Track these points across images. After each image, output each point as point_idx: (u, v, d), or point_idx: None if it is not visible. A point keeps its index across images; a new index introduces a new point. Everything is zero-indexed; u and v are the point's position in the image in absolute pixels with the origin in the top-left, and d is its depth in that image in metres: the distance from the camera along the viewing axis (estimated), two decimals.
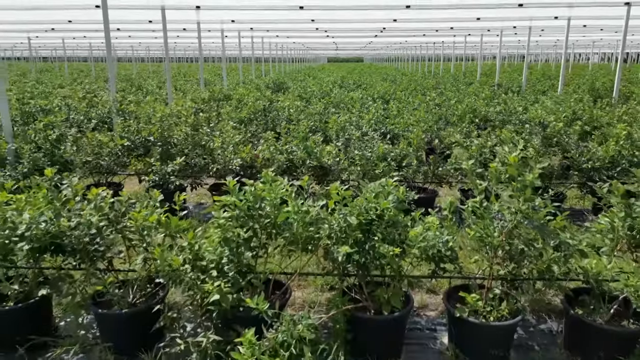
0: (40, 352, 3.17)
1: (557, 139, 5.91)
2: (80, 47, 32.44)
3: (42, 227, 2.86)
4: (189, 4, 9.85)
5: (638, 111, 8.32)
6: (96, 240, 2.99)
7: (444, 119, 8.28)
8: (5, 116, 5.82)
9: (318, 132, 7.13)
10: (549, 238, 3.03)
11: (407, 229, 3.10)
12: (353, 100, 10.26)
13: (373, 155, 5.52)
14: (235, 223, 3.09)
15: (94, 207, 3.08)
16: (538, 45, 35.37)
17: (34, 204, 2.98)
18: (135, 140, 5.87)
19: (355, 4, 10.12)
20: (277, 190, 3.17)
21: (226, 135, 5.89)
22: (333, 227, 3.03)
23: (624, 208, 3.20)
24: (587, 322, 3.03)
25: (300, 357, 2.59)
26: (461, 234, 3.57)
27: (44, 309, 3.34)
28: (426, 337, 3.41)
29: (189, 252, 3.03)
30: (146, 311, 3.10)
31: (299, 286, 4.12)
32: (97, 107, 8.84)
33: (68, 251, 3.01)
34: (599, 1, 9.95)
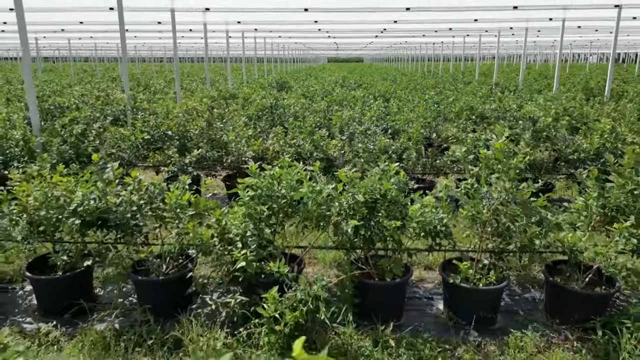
0: (84, 316, 3.61)
1: (546, 133, 6.36)
2: (84, 47, 32.89)
3: (92, 203, 3.30)
4: (198, 6, 10.28)
5: (626, 108, 8.76)
6: (136, 216, 3.44)
7: (442, 116, 8.72)
8: (34, 112, 6.26)
9: (323, 128, 7.57)
10: (530, 214, 3.47)
11: (407, 207, 3.55)
12: (355, 98, 10.69)
13: (375, 148, 5.97)
14: (256, 202, 3.54)
15: (133, 189, 3.52)
16: (536, 46, 35.81)
17: (83, 184, 3.42)
18: (154, 135, 6.31)
19: (357, 6, 10.56)
20: (292, 173, 3.61)
21: (239, 129, 6.34)
22: (342, 205, 3.47)
23: (598, 189, 3.65)
24: (564, 288, 3.48)
25: (315, 311, 3.04)
26: (456, 216, 4.00)
27: (86, 280, 3.78)
28: (424, 305, 3.85)
29: (217, 227, 3.47)
30: (179, 279, 3.54)
31: (309, 263, 4.56)
32: (112, 105, 9.27)
33: (112, 226, 3.46)
34: (590, 4, 10.38)
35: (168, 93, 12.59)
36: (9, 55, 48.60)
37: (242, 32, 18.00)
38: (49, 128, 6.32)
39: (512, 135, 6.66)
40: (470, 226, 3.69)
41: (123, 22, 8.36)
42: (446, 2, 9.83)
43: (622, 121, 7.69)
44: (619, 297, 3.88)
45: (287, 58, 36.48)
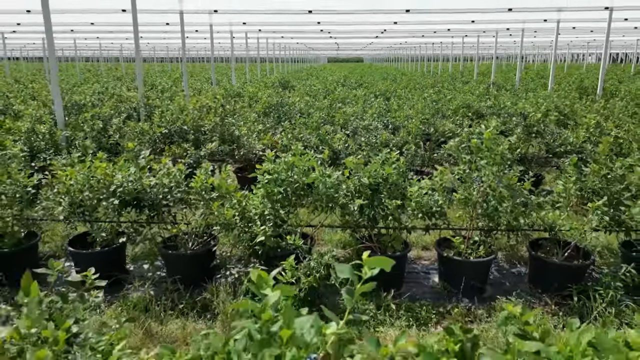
0: (118, 287, 4.06)
1: (536, 128, 6.81)
2: (88, 47, 33.37)
3: (130, 185, 3.76)
4: (206, 8, 10.74)
5: (615, 106, 9.22)
6: (167, 197, 3.89)
7: (440, 113, 9.17)
8: (59, 108, 6.72)
9: (327, 124, 8.02)
10: (516, 196, 3.93)
11: (406, 189, 4.00)
12: (356, 97, 11.15)
13: (377, 142, 6.43)
14: (273, 185, 3.99)
15: (164, 174, 3.98)
16: (535, 46, 36.30)
17: (122, 169, 3.88)
18: (171, 129, 6.77)
19: (359, 9, 11.03)
20: (304, 160, 4.07)
21: (249, 124, 6.79)
22: (349, 187, 3.93)
23: (576, 174, 4.11)
24: (546, 260, 3.94)
25: (326, 278, 3.50)
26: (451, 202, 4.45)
27: (120, 255, 4.24)
28: (421, 278, 4.31)
29: (238, 207, 3.92)
30: (204, 253, 4.00)
31: (318, 244, 5.01)
32: (125, 103, 9.72)
33: (145, 206, 3.92)
34: (582, 6, 10.84)
35: (176, 91, 13.04)
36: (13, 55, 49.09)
37: (245, 33, 18.46)
38: (72, 123, 6.77)
39: (506, 131, 7.12)
40: (462, 207, 4.14)
41: (137, 23, 8.82)
42: (444, 5, 10.29)
43: (611, 117, 8.15)
44: (594, 269, 4.33)
45: (288, 58, 36.97)
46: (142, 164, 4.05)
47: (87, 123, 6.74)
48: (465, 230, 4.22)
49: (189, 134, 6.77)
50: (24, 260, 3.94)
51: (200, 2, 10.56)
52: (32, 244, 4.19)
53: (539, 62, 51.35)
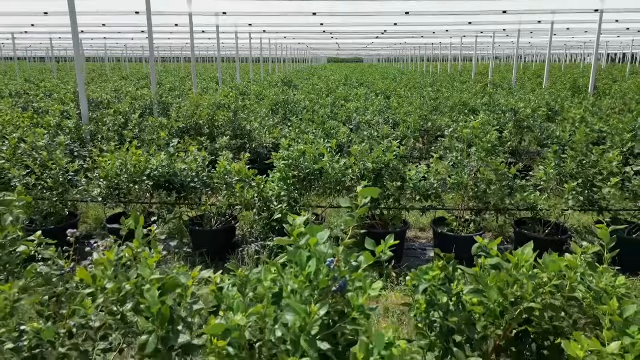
0: None
1: (526, 123, 7.34)
2: (93, 47, 33.90)
3: (163, 169, 4.29)
4: (216, 10, 11.27)
5: (602, 103, 9.75)
6: (195, 180, 4.42)
7: (438, 110, 9.70)
8: (84, 104, 7.25)
9: (331, 120, 8.55)
10: (502, 179, 4.45)
11: (405, 173, 4.53)
12: (358, 95, 11.68)
13: (379, 135, 6.95)
14: (288, 169, 4.52)
15: (192, 160, 4.51)
16: (533, 47, 36.84)
17: (157, 155, 4.41)
18: (188, 124, 7.29)
19: (361, 11, 11.55)
20: (314, 148, 4.59)
21: (260, 119, 7.32)
22: (355, 172, 4.46)
23: (555, 160, 4.63)
24: (529, 235, 4.46)
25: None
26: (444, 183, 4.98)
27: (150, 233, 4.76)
28: (418, 254, 4.84)
29: (257, 189, 4.45)
30: (227, 230, 4.53)
31: (327, 222, 5.54)
32: (139, 100, 10.25)
33: (176, 188, 4.44)
34: (574, 9, 11.37)
35: (185, 90, 13.56)
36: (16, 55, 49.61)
37: (249, 34, 18.99)
38: (96, 118, 7.30)
39: (499, 126, 7.65)
40: (455, 190, 4.67)
41: (151, 25, 9.35)
42: (442, 8, 10.81)
43: (598, 114, 8.68)
44: (570, 244, 4.86)
45: (289, 58, 37.52)
46: (172, 151, 4.58)
47: (110, 118, 7.26)
48: (458, 210, 4.75)
49: (204, 128, 7.30)
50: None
51: (211, 5, 11.07)
52: (73, 222, 4.72)
53: (538, 62, 51.89)
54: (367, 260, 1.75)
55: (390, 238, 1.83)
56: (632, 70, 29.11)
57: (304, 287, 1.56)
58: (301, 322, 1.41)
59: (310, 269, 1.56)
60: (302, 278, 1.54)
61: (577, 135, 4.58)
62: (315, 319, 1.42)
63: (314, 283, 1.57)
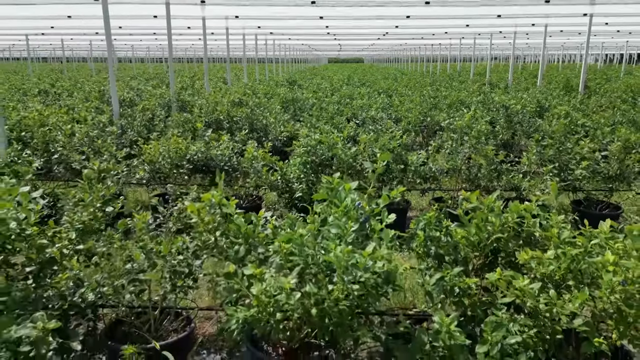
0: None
1: (516, 118, 8.08)
2: (99, 47, 34.65)
3: (201, 155, 5.03)
4: (228, 14, 12.02)
5: (590, 101, 10.51)
6: (228, 164, 5.17)
7: (437, 108, 10.45)
8: (115, 101, 7.99)
9: (337, 116, 9.29)
10: (491, 163, 5.20)
11: (407, 159, 5.28)
12: (361, 94, 12.43)
13: (383, 129, 7.69)
14: (307, 155, 5.26)
15: (224, 147, 5.25)
16: (530, 47, 37.59)
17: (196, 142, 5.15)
18: (209, 119, 8.03)
19: (364, 15, 12.29)
20: (329, 137, 5.34)
21: (275, 114, 8.06)
22: (364, 157, 5.21)
23: (537, 148, 5.38)
24: None
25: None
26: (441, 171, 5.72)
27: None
28: None
29: (280, 172, 5.19)
30: (254, 208, 5.28)
31: None
32: (159, 98, 10.99)
33: (211, 171, 5.19)
34: (565, 13, 12.11)
35: (197, 89, 14.30)
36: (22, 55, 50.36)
37: (255, 35, 19.74)
38: (127, 114, 8.05)
39: (493, 121, 8.39)
40: (451, 174, 5.41)
41: (170, 27, 10.09)
42: (441, 12, 11.56)
43: (585, 110, 9.43)
44: None
45: (292, 58, 38.30)
46: (207, 140, 5.32)
47: (139, 114, 8.01)
48: (453, 191, 5.50)
49: (224, 123, 8.04)
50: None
51: (224, 9, 11.81)
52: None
53: (536, 62, 52.68)
54: (384, 201, 2.49)
55: (394, 212, 2.57)
56: (628, 70, 29.87)
57: (342, 216, 2.30)
58: (341, 233, 2.15)
59: (345, 203, 2.31)
60: (341, 209, 2.29)
61: (555, 126, 5.32)
62: (349, 231, 2.17)
63: (348, 214, 2.32)
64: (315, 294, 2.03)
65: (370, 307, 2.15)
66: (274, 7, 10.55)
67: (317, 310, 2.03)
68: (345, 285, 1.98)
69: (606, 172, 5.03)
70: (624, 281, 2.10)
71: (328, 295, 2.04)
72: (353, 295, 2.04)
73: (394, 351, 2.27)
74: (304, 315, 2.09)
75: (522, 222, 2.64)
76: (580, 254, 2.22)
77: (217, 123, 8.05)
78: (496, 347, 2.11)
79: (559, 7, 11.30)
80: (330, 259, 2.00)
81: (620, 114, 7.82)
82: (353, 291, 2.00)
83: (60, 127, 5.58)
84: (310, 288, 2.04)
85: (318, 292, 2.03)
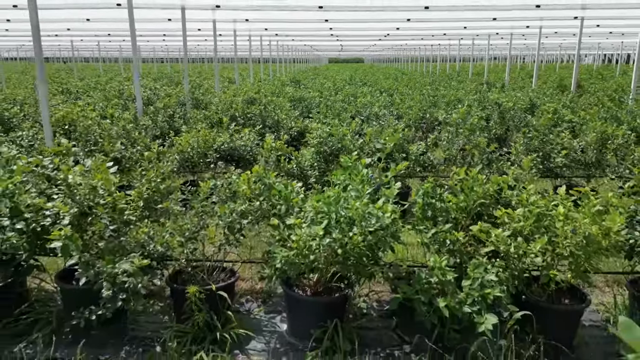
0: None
1: (509, 115, 8.75)
2: (107, 48, 35.35)
3: (227, 145, 5.70)
4: (237, 17, 12.70)
5: (579, 99, 11.18)
6: (250, 153, 5.84)
7: (435, 106, 11.12)
8: (139, 100, 8.66)
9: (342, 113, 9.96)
10: (482, 153, 5.87)
11: (408, 149, 5.95)
12: (364, 93, 13.11)
13: (385, 124, 8.37)
14: (320, 145, 5.93)
15: (247, 138, 5.93)
16: (528, 48, 38.27)
17: (222, 134, 5.82)
18: (226, 115, 8.70)
19: (366, 18, 12.97)
20: (339, 130, 6.01)
21: (286, 111, 8.74)
22: (371, 148, 5.88)
23: (524, 139, 6.05)
24: None
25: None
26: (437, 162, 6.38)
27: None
28: None
29: (295, 161, 5.86)
30: None
31: None
32: (173, 97, 11.66)
33: (235, 159, 5.86)
34: (556, 16, 12.79)
35: (208, 88, 14.98)
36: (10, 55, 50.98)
37: (260, 37, 20.41)
38: (149, 112, 8.72)
39: (487, 117, 9.05)
40: (447, 162, 6.08)
41: (185, 31, 10.76)
42: (440, 16, 12.24)
43: (575, 107, 10.10)
44: None
45: (293, 58, 38.99)
46: (231, 132, 5.99)
47: (161, 111, 8.69)
48: (449, 178, 6.16)
49: (239, 118, 8.71)
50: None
51: (233, 13, 12.49)
52: None
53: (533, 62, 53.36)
54: (392, 172, 3.16)
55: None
56: (624, 70, 30.54)
57: (359, 183, 2.98)
58: (358, 194, 2.83)
59: (362, 173, 2.98)
60: (359, 177, 2.96)
61: (541, 120, 5.99)
62: (365, 193, 2.84)
63: (364, 182, 2.99)
64: (340, 239, 2.70)
65: (382, 250, 2.83)
66: (283, 11, 11.24)
67: (342, 251, 2.71)
68: (363, 229, 2.65)
69: (584, 160, 5.71)
70: (573, 229, 2.78)
71: (350, 240, 2.71)
72: (368, 240, 2.72)
73: (399, 288, 2.95)
74: (330, 255, 2.77)
75: (500, 191, 3.32)
76: (542, 211, 2.90)
77: (232, 119, 8.72)
78: (477, 282, 2.79)
79: (553, 12, 11.98)
80: (352, 211, 2.67)
81: (604, 111, 8.49)
82: (368, 235, 2.68)
83: (98, 121, 6.25)
84: (336, 234, 2.71)
85: (342, 237, 2.71)
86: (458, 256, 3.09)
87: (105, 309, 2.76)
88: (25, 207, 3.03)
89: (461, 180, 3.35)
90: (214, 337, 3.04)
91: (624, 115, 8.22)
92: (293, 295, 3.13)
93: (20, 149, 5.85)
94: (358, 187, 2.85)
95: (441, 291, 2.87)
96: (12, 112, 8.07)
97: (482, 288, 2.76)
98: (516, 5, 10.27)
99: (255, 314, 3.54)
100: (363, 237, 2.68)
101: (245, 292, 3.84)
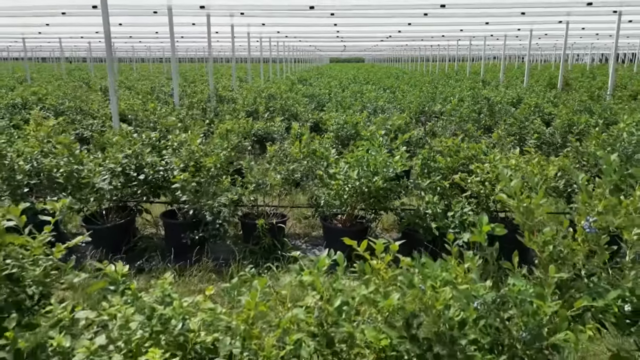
0: None
1: (497, 108, 10.08)
2: (119, 49, 36.66)
3: (261, 131, 7.03)
4: (252, 22, 14.03)
5: (563, 94, 12.51)
6: (281, 136, 7.17)
7: (434, 101, 12.45)
8: (176, 95, 9.99)
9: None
10: (471, 137, 7.19)
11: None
12: (368, 90, 14.44)
13: (390, 116, 9.69)
14: (337, 131, 7.26)
15: (278, 125, 7.26)
16: (524, 48, 39.59)
17: (256, 123, 7.15)
18: (251, 108, 10.03)
19: (369, 22, 14.31)
20: (352, 119, 7.34)
21: (304, 105, 10.08)
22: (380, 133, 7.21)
23: (505, 126, 7.38)
24: None
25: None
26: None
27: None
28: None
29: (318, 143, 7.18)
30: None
31: None
32: (197, 94, 13.00)
33: (268, 140, 7.19)
34: (545, 20, 14.11)
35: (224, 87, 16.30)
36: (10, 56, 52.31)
37: (269, 38, 21.73)
38: (185, 105, 10.06)
39: (479, 110, 10.37)
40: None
41: (210, 32, 12.08)
42: (439, 20, 13.58)
43: (558, 102, 11.44)
44: None
45: (296, 58, 40.34)
46: (263, 121, 7.33)
47: (196, 105, 10.02)
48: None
49: (262, 111, 10.04)
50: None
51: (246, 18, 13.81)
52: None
53: (534, 62, 54.69)
54: (400, 140, 4.49)
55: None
56: (616, 69, 31.81)
57: (378, 147, 4.31)
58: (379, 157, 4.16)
59: (379, 140, 4.31)
60: (377, 142, 4.29)
61: (518, 111, 7.32)
62: (384, 154, 4.17)
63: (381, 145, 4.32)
64: (367, 182, 4.04)
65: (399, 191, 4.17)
66: (295, 18, 12.57)
67: (368, 190, 4.04)
68: (384, 175, 3.99)
69: (552, 142, 7.03)
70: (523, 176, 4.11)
71: (374, 183, 4.04)
72: (386, 185, 4.05)
73: (404, 217, 4.28)
74: (359, 194, 4.10)
75: (476, 155, 4.65)
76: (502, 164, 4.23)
77: (255, 112, 10.06)
78: (458, 212, 4.12)
79: (540, 17, 13.31)
80: (375, 161, 4.01)
81: (578, 104, 9.82)
82: (387, 181, 4.01)
83: (153, 111, 7.58)
84: (364, 180, 4.05)
85: (368, 181, 4.04)
86: (445, 199, 4.42)
87: (204, 232, 4.10)
88: (145, 164, 4.36)
89: (448, 147, 4.68)
90: (276, 256, 4.37)
91: (597, 107, 9.55)
92: (330, 226, 4.47)
93: (94, 133, 7.19)
94: (377, 149, 4.17)
95: (433, 219, 4.20)
96: (66, 107, 9.41)
97: (462, 216, 4.09)
98: (504, 13, 11.60)
99: (300, 244, 4.88)
100: (383, 181, 4.01)
101: (292, 234, 5.18)
